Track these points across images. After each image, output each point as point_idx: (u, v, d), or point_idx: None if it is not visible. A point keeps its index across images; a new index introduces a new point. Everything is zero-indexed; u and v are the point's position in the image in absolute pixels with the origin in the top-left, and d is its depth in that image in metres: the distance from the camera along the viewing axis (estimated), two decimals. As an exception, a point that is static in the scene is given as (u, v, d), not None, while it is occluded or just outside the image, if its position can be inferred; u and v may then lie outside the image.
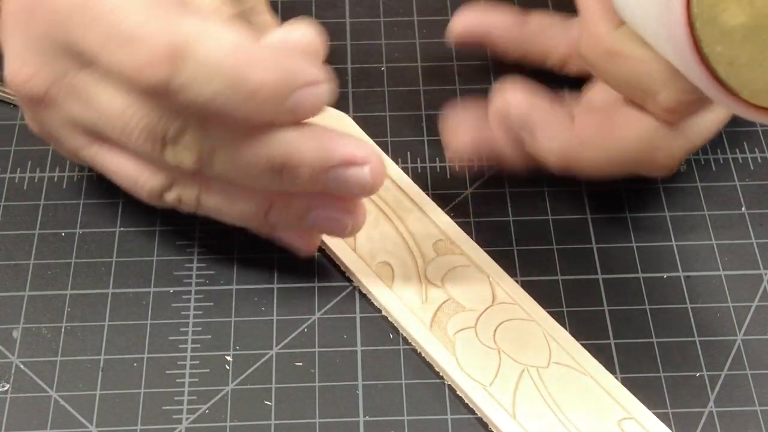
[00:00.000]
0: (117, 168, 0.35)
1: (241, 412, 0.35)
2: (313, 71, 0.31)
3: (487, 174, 0.41)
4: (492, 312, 0.36)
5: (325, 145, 0.32)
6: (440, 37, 0.45)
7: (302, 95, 0.31)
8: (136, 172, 0.34)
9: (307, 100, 0.31)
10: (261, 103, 0.30)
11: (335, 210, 0.34)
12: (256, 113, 0.30)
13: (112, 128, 0.32)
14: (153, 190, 0.34)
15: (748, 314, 0.37)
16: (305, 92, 0.31)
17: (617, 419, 0.34)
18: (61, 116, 0.34)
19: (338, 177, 0.32)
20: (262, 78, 0.30)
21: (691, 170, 0.41)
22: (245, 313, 0.37)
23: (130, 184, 0.35)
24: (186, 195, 0.34)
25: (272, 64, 0.30)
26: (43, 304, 0.37)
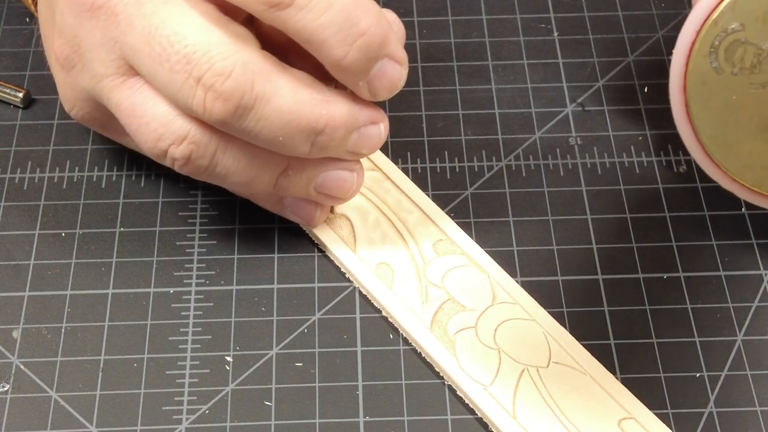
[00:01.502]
0: (133, 105, 0.33)
1: (241, 412, 0.35)
2: (402, 51, 0.33)
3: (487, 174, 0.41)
4: (492, 312, 0.36)
5: (354, 108, 0.33)
6: (440, 37, 0.45)
7: (390, 66, 0.33)
8: (151, 112, 0.33)
9: (391, 72, 0.33)
10: (358, 49, 0.31)
11: (342, 170, 0.35)
12: (352, 58, 0.31)
13: (150, 53, 0.32)
14: (164, 137, 0.33)
15: (748, 314, 0.37)
16: (391, 65, 0.33)
17: (617, 419, 0.34)
18: (105, 32, 0.33)
19: (362, 134, 0.34)
20: (368, 25, 0.31)
21: (691, 170, 0.41)
22: (245, 313, 0.37)
23: (141, 127, 0.33)
24: (201, 150, 0.33)
25: (379, 20, 0.32)
26: (43, 304, 0.37)
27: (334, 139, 0.33)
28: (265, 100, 0.31)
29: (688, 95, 0.36)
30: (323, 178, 0.35)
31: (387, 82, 0.33)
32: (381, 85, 0.33)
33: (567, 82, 0.44)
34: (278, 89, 0.32)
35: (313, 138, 0.33)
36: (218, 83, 0.31)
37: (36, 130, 0.42)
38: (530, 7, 0.47)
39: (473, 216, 0.40)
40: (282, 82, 0.32)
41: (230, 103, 0.31)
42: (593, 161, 0.41)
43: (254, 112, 0.31)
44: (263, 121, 0.32)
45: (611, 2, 0.47)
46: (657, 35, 0.45)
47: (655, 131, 0.42)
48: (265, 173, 0.34)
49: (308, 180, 0.35)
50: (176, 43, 0.31)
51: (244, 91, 0.31)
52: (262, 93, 0.31)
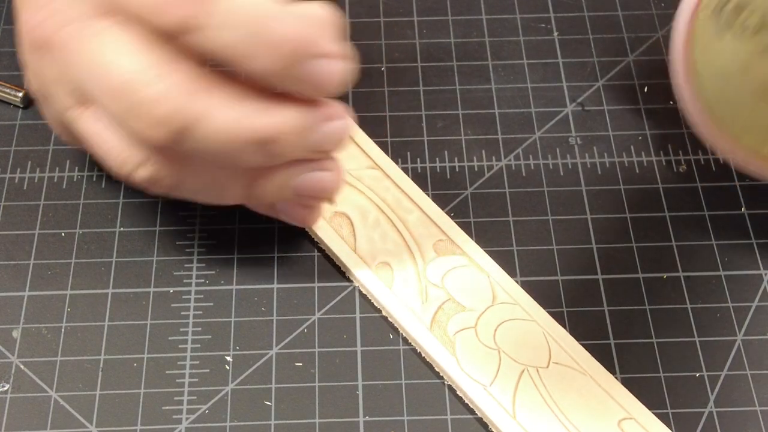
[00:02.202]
0: (96, 134, 0.33)
1: (241, 412, 0.35)
2: (334, 45, 0.31)
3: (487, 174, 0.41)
4: (492, 312, 0.36)
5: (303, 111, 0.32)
6: (440, 36, 0.45)
7: (321, 64, 0.31)
8: (112, 139, 0.33)
9: (327, 70, 0.31)
10: (280, 58, 0.30)
11: (315, 170, 0.34)
12: (271, 68, 0.30)
13: (93, 84, 0.31)
14: (127, 161, 0.33)
15: (748, 314, 0.37)
16: (325, 63, 0.31)
17: (617, 419, 0.34)
18: (57, 67, 0.33)
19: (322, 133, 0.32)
20: (284, 32, 0.30)
21: (691, 170, 0.41)
22: (245, 313, 0.37)
23: (106, 152, 0.33)
24: (163, 171, 0.33)
25: (296, 24, 0.30)
26: (43, 304, 0.37)
27: (288, 145, 0.32)
28: (203, 119, 0.30)
29: (691, 55, 0.36)
30: (300, 180, 0.34)
31: (325, 81, 0.31)
32: (320, 85, 0.31)
33: (567, 82, 0.44)
34: (215, 107, 0.30)
35: (264, 148, 0.31)
36: (153, 109, 0.30)
37: (36, 130, 0.42)
38: (530, 6, 0.47)
39: (473, 216, 0.40)
40: (218, 99, 0.31)
41: (168, 128, 0.30)
42: (593, 161, 0.41)
43: (195, 132, 0.30)
44: (206, 140, 0.31)
45: (611, 2, 0.47)
46: (657, 35, 0.45)
47: (655, 131, 0.42)
48: (233, 186, 0.34)
49: (282, 186, 0.34)
50: (111, 72, 0.30)
51: (179, 114, 0.30)
52: (199, 113, 0.30)
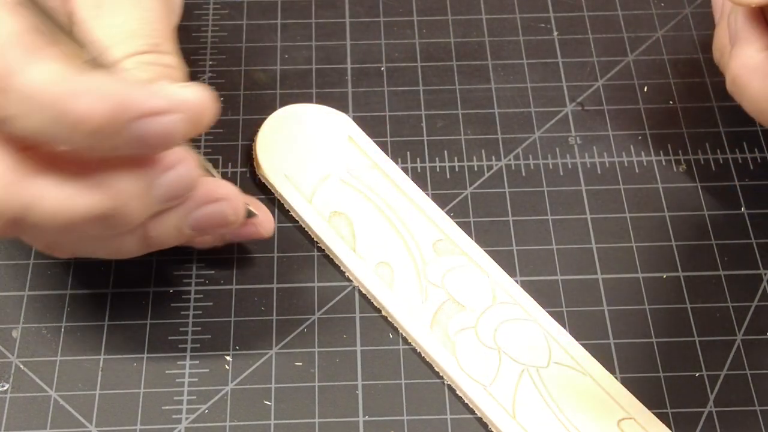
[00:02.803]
0: None
1: (240, 412, 0.35)
2: (155, 101, 0.28)
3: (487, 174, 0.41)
4: (492, 312, 0.36)
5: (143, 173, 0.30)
6: (440, 36, 0.45)
7: (146, 125, 0.28)
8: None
9: (155, 129, 0.28)
10: (89, 135, 0.28)
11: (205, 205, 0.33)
12: (89, 145, 0.28)
13: None
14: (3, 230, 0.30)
15: (748, 314, 0.37)
16: (150, 122, 0.28)
17: (617, 419, 0.34)
18: None
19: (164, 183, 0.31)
20: (86, 108, 0.27)
21: (691, 170, 0.41)
22: (245, 313, 0.37)
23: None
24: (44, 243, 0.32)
25: (100, 95, 0.28)
26: (43, 304, 0.37)
27: (134, 210, 0.30)
28: (33, 205, 0.29)
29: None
30: (194, 219, 0.33)
31: (158, 140, 0.29)
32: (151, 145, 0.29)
33: (566, 82, 0.44)
34: (43, 190, 0.29)
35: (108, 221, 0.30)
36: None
37: (35, 130, 0.42)
38: (530, 6, 0.46)
39: (473, 216, 0.40)
40: (45, 181, 0.29)
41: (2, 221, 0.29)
42: (593, 161, 0.41)
43: (30, 218, 0.29)
44: (44, 222, 0.29)
45: (611, 2, 0.47)
46: (657, 35, 0.45)
47: (654, 131, 0.42)
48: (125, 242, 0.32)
49: (178, 228, 0.33)
50: None
51: (7, 205, 0.28)
52: (28, 199, 0.29)
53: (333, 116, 0.41)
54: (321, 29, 0.45)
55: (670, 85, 0.44)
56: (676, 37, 0.45)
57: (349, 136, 0.41)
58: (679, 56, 0.45)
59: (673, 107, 0.43)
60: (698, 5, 0.46)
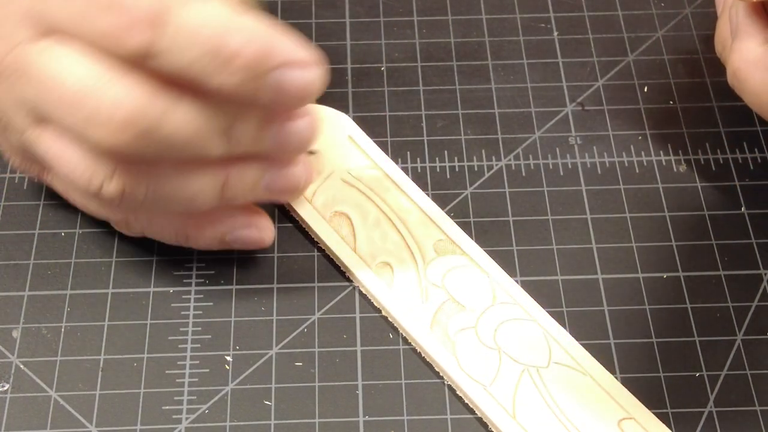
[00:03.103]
0: (58, 154, 0.32)
1: (240, 412, 0.35)
2: (299, 53, 0.30)
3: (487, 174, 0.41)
4: (492, 312, 0.36)
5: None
6: (440, 36, 0.45)
7: (286, 74, 0.30)
8: (76, 157, 0.32)
9: (293, 80, 0.30)
10: (236, 72, 0.29)
11: (286, 167, 0.34)
12: (233, 83, 0.30)
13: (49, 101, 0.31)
14: (93, 177, 0.32)
15: (748, 314, 0.37)
16: (290, 72, 0.30)
17: (617, 419, 0.34)
18: (11, 91, 0.32)
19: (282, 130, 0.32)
20: (239, 46, 0.29)
21: (691, 170, 0.41)
22: (245, 313, 0.37)
23: (70, 173, 0.32)
24: (132, 181, 0.32)
25: (252, 36, 0.29)
26: (43, 304, 0.37)
27: (248, 131, 0.32)
28: (164, 117, 0.30)
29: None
30: (269, 177, 0.34)
31: (293, 91, 0.30)
32: (288, 96, 0.31)
33: (567, 82, 0.44)
34: (174, 103, 0.30)
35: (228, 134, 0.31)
36: (113, 115, 0.30)
37: (36, 130, 0.42)
38: (530, 6, 0.47)
39: (473, 216, 0.40)
40: (176, 96, 0.30)
41: (131, 132, 0.30)
42: (593, 161, 0.41)
43: (159, 132, 0.30)
44: (171, 137, 0.30)
45: (611, 2, 0.47)
46: (657, 35, 0.45)
47: (654, 131, 0.42)
48: (204, 187, 0.33)
49: (253, 183, 0.34)
50: (64, 85, 0.30)
51: (140, 116, 0.30)
52: (160, 111, 0.30)
53: (333, 116, 0.41)
54: (321, 29, 0.45)
55: (670, 85, 0.44)
56: (676, 37, 0.45)
57: (349, 136, 0.41)
58: (679, 56, 0.45)
59: (673, 107, 0.43)
60: (698, 5, 0.46)
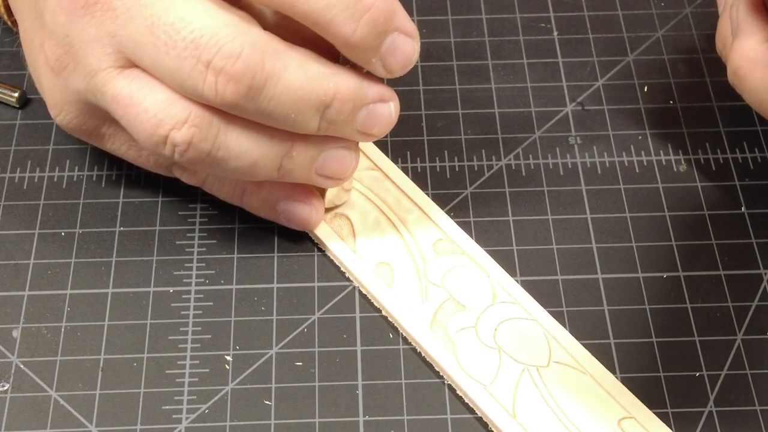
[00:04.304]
0: (130, 94, 0.33)
1: (240, 411, 0.35)
2: (411, 23, 0.33)
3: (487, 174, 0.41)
4: (492, 312, 0.36)
5: (362, 82, 0.34)
6: (440, 36, 0.45)
7: (400, 39, 0.33)
8: (150, 99, 0.33)
9: (404, 47, 0.33)
10: (366, 24, 0.31)
11: (342, 148, 0.35)
12: (361, 34, 0.32)
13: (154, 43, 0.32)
14: (164, 122, 0.32)
15: (748, 314, 0.37)
16: (403, 39, 0.33)
17: (617, 418, 0.34)
18: (102, 27, 0.33)
19: (371, 112, 0.34)
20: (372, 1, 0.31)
21: (691, 170, 0.41)
22: (245, 313, 0.37)
23: (136, 116, 0.33)
24: (203, 132, 0.33)
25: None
26: (43, 304, 0.37)
27: (343, 113, 0.33)
28: (275, 78, 0.32)
29: None
30: (324, 157, 0.35)
31: (400, 56, 0.33)
32: (395, 60, 0.33)
33: (567, 82, 0.44)
34: (287, 66, 0.32)
35: (322, 112, 0.33)
36: (229, 65, 0.31)
37: (35, 130, 0.42)
38: (530, 6, 0.47)
39: (473, 215, 0.40)
40: (290, 58, 0.32)
41: (242, 84, 0.31)
42: (593, 160, 0.41)
43: (266, 90, 0.32)
44: (275, 99, 0.32)
45: (611, 2, 0.47)
46: (657, 35, 0.45)
47: (654, 131, 0.42)
48: (268, 155, 0.34)
49: (311, 161, 0.35)
50: (182, 30, 0.31)
51: (255, 71, 0.31)
52: (272, 71, 0.31)
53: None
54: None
55: (670, 85, 0.44)
56: (676, 37, 0.45)
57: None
58: (679, 56, 0.45)
59: (673, 107, 0.43)
60: (698, 5, 0.46)
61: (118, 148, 0.37)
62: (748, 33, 0.36)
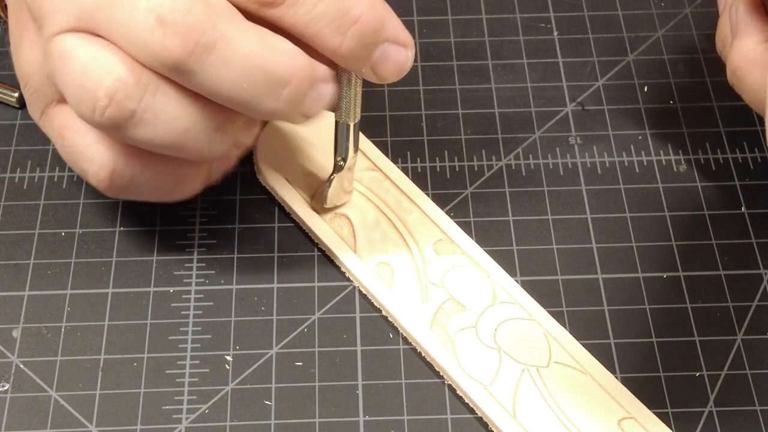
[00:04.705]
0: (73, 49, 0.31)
1: (240, 411, 0.35)
2: (404, 32, 0.33)
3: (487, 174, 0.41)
4: (492, 312, 0.36)
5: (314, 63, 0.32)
6: (440, 36, 0.45)
7: (391, 49, 0.32)
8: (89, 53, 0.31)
9: (396, 56, 0.33)
10: (353, 37, 0.31)
11: None
12: (348, 46, 0.31)
13: None
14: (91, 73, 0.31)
15: (748, 314, 0.37)
16: (395, 49, 0.33)
17: (617, 419, 0.34)
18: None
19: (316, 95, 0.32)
20: (360, 12, 0.31)
21: (691, 170, 0.41)
22: (245, 313, 0.37)
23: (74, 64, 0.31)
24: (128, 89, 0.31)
25: (372, 6, 0.31)
26: (43, 304, 0.37)
27: (300, 94, 0.31)
28: (227, 40, 0.30)
29: None
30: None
31: (392, 66, 0.33)
32: (386, 69, 0.33)
33: (567, 82, 0.44)
34: (244, 32, 0.30)
35: (280, 91, 0.31)
36: (178, 17, 0.29)
37: (36, 130, 0.42)
38: (530, 6, 0.47)
39: (473, 215, 0.40)
40: (249, 28, 0.30)
41: (189, 40, 0.29)
42: (593, 160, 0.41)
43: (216, 53, 0.30)
44: (225, 65, 0.30)
45: (611, 1, 0.47)
46: (657, 34, 0.45)
47: (654, 131, 0.42)
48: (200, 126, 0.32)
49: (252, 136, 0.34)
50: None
51: (206, 29, 0.29)
52: (225, 33, 0.30)
53: (333, 117, 0.41)
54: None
55: (670, 85, 0.44)
56: (676, 37, 0.45)
57: None
58: (679, 56, 0.45)
59: (673, 107, 0.43)
60: (698, 5, 0.46)
61: None
62: (747, 33, 0.36)
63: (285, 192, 0.39)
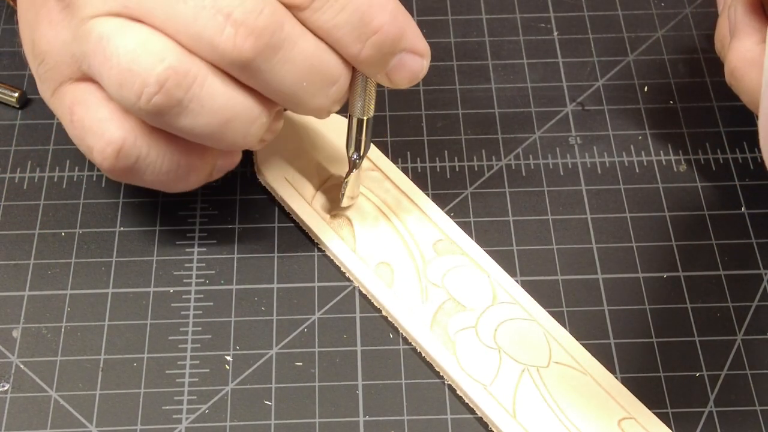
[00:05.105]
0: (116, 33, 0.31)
1: (240, 412, 0.35)
2: (421, 42, 0.34)
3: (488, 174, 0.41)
4: (492, 312, 0.36)
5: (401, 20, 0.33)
6: (440, 36, 0.45)
7: (407, 58, 0.33)
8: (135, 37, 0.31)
9: (411, 65, 0.34)
10: (372, 46, 0.32)
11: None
12: (367, 54, 0.32)
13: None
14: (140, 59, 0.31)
15: (748, 314, 0.37)
16: (411, 57, 0.33)
17: (617, 419, 0.34)
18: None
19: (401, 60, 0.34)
20: (381, 23, 0.32)
21: (691, 170, 0.41)
22: (245, 313, 0.37)
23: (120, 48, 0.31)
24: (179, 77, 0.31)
25: (393, 17, 0.32)
26: (43, 304, 0.37)
27: (343, 91, 0.33)
28: (293, 41, 0.31)
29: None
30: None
31: (407, 74, 0.34)
32: (400, 76, 0.34)
33: (567, 82, 0.44)
34: (303, 33, 0.32)
35: (329, 89, 0.33)
36: (251, 19, 0.30)
37: (36, 130, 0.42)
38: (530, 6, 0.47)
39: (473, 215, 0.40)
40: (304, 28, 0.32)
41: (261, 41, 0.30)
42: (593, 160, 0.41)
43: (282, 52, 0.31)
44: (289, 63, 0.31)
45: (611, 2, 0.47)
46: (657, 35, 0.45)
47: (654, 131, 0.42)
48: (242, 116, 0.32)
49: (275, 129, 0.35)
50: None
51: (275, 30, 0.31)
52: (291, 33, 0.31)
53: (333, 118, 0.41)
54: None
55: (670, 85, 0.44)
56: (676, 37, 0.45)
57: None
58: (679, 56, 0.45)
59: (673, 107, 0.43)
60: (698, 5, 0.46)
61: None
62: (746, 33, 0.36)
63: (285, 192, 0.39)
